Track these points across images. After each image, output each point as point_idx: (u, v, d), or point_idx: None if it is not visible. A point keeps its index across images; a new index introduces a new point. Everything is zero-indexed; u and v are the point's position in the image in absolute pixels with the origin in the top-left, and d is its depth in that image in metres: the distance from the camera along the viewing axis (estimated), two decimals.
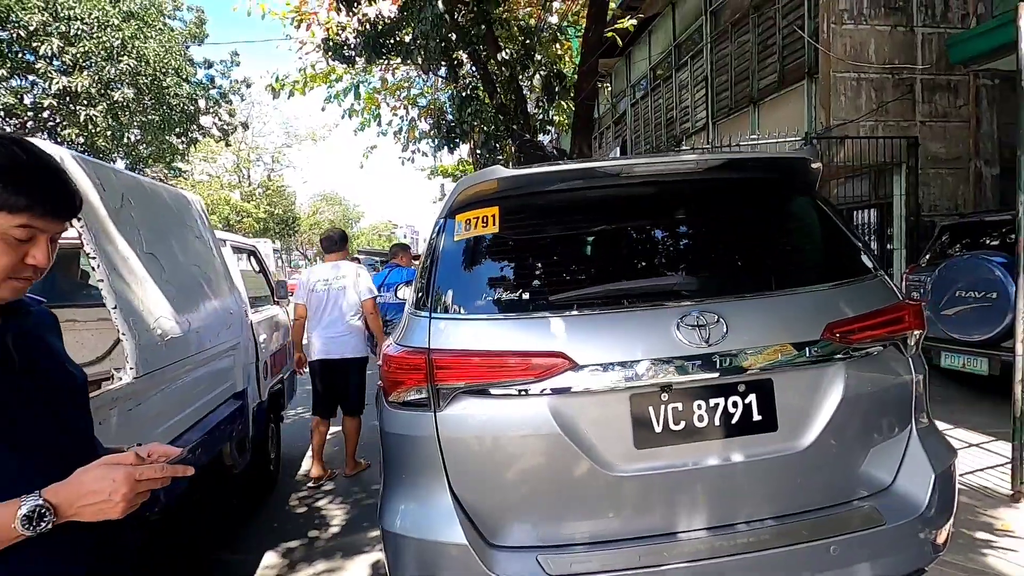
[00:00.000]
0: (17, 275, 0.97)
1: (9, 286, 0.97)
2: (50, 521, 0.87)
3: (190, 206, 3.15)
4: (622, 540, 1.54)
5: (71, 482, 0.92)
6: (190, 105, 17.85)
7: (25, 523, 0.85)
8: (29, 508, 0.86)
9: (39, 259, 0.97)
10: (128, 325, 2.04)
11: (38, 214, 0.94)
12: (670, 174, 1.75)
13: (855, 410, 1.63)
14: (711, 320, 1.54)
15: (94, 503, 0.90)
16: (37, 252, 0.97)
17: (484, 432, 1.56)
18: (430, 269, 1.74)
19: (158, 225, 2.60)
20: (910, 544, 1.62)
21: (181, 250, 2.80)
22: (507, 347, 1.55)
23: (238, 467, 3.31)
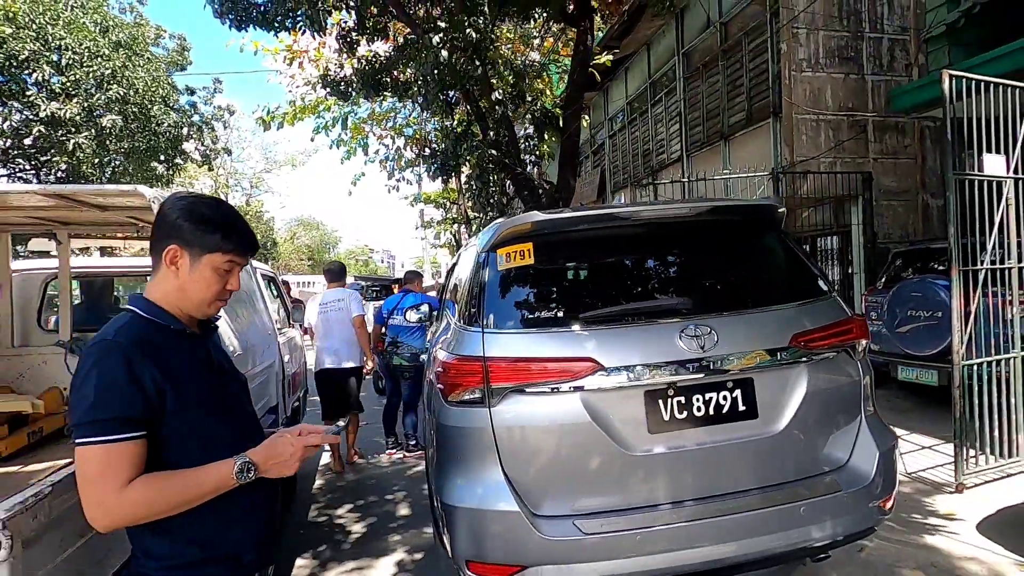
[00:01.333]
0: (220, 298, 1.36)
1: (216, 306, 1.37)
2: (254, 474, 1.25)
3: None
4: (640, 506, 1.95)
5: (266, 447, 1.30)
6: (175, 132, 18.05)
7: (239, 474, 1.22)
8: (241, 464, 1.23)
9: (235, 285, 1.36)
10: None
11: (239, 254, 1.33)
12: (669, 217, 2.22)
13: (817, 402, 2.08)
14: (705, 332, 1.99)
15: (279, 462, 1.27)
16: (234, 280, 1.35)
17: (529, 422, 1.97)
18: (480, 293, 2.15)
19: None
20: (861, 507, 2.06)
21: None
22: (548, 354, 1.96)
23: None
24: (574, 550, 1.88)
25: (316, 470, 5.22)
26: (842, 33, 7.44)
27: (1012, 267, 3.91)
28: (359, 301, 5.16)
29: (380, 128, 16.46)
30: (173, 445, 1.20)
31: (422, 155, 13.17)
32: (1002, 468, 3.87)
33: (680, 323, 2.00)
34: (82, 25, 14.21)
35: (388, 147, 16.44)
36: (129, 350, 1.16)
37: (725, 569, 1.96)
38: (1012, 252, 3.91)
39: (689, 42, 11.00)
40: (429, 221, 26.37)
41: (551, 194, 7.46)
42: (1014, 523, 3.25)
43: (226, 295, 1.35)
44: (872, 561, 2.92)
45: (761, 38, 8.63)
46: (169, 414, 1.19)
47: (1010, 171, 3.89)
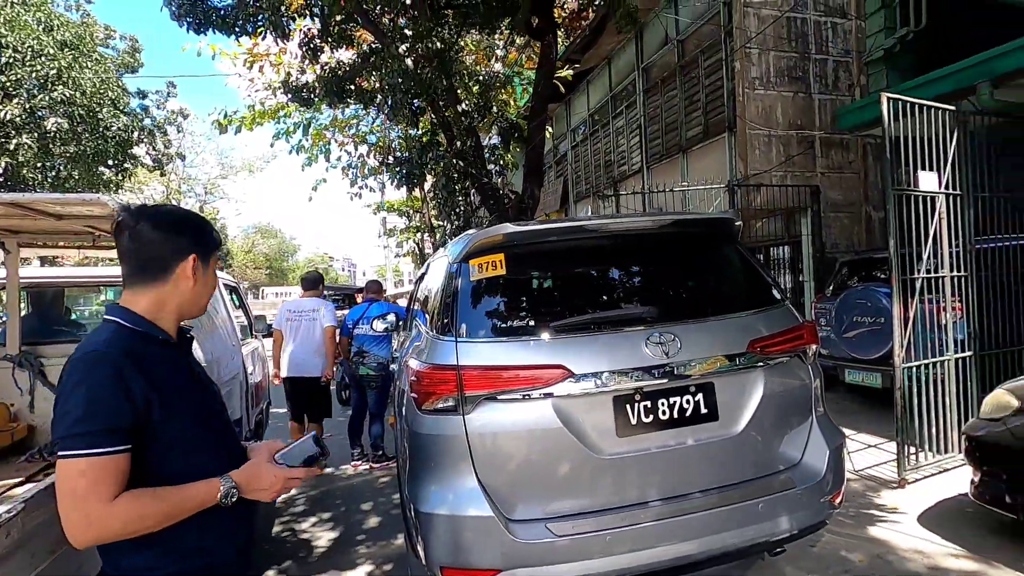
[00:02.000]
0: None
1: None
2: (236, 496, 1.26)
3: None
4: (609, 508, 2.02)
5: (249, 472, 1.30)
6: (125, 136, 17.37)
7: (224, 497, 1.24)
8: (227, 488, 1.24)
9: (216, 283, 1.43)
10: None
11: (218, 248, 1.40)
12: (633, 230, 2.32)
13: (772, 404, 2.21)
14: (669, 339, 2.09)
15: (260, 489, 1.29)
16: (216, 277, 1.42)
17: (502, 429, 2.02)
18: (452, 303, 2.20)
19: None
20: (814, 502, 2.19)
21: None
22: (520, 362, 2.03)
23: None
24: (546, 552, 1.94)
25: None
26: (791, 54, 7.86)
27: (945, 276, 4.21)
28: (333, 312, 5.26)
29: (342, 135, 16.29)
30: (157, 455, 1.20)
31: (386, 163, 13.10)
32: (939, 463, 4.14)
33: (645, 331, 2.10)
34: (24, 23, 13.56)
35: (351, 154, 16.27)
36: (118, 361, 1.16)
37: (690, 566, 2.05)
38: (945, 262, 4.21)
39: (648, 57, 11.36)
40: (392, 229, 26.12)
41: (516, 203, 7.57)
42: (950, 514, 3.49)
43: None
44: (824, 554, 3.09)
45: (716, 56, 9.00)
46: (155, 424, 1.18)
47: (941, 187, 4.20)
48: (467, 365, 2.03)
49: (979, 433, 3.07)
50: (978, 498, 3.07)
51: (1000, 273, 4.47)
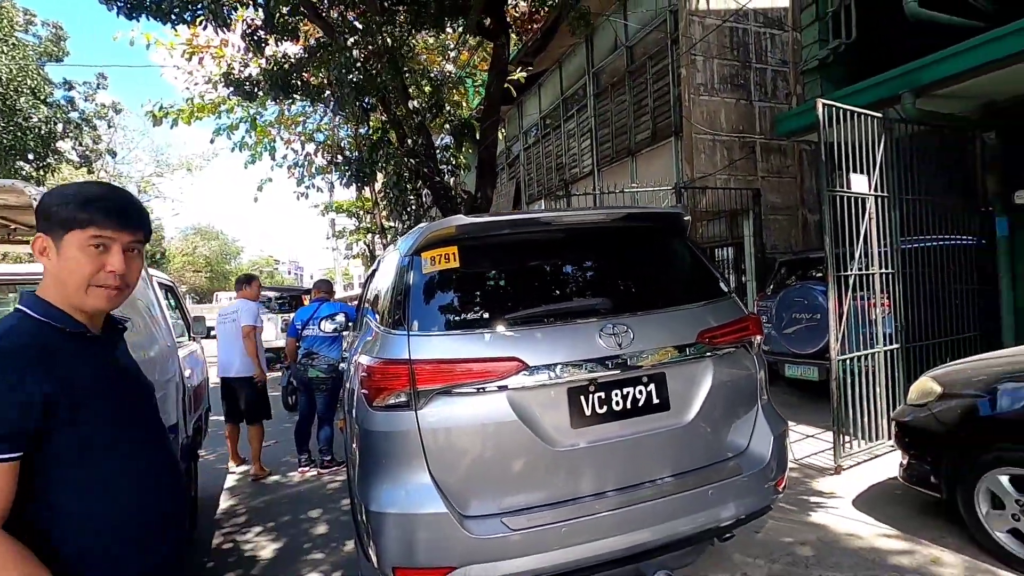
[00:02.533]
0: (102, 283, 1.17)
1: (96, 293, 1.19)
2: None
3: None
4: (564, 500, 2.02)
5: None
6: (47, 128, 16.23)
7: None
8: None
9: (115, 264, 1.18)
10: None
11: (102, 225, 1.16)
12: (586, 223, 2.34)
13: (721, 393, 2.26)
14: (622, 330, 2.11)
15: None
16: (112, 259, 1.17)
17: (456, 424, 1.98)
18: (404, 297, 2.14)
19: None
20: (760, 488, 2.26)
21: None
22: (473, 355, 1.99)
23: None
24: (502, 547, 1.91)
25: (219, 493, 4.86)
26: (733, 62, 8.19)
27: (875, 273, 4.47)
28: (250, 312, 5.20)
29: (289, 132, 15.75)
30: (63, 461, 1.09)
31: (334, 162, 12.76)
32: (871, 450, 4.39)
33: (599, 322, 2.11)
34: None
35: (297, 152, 15.76)
36: (13, 355, 1.05)
37: (644, 554, 2.07)
38: (874, 260, 4.47)
39: (599, 62, 11.58)
40: (341, 231, 25.50)
41: (469, 204, 7.52)
42: (882, 497, 3.70)
43: (107, 279, 1.18)
44: (768, 540, 3.20)
45: (663, 63, 9.27)
46: (59, 427, 1.07)
47: (871, 189, 4.46)
48: (420, 359, 1.98)
49: (906, 419, 3.26)
50: (906, 480, 3.26)
51: (924, 271, 4.78)
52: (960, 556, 2.89)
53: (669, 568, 2.12)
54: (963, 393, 2.98)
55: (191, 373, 3.98)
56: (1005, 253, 5.26)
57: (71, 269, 1.15)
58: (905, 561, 2.88)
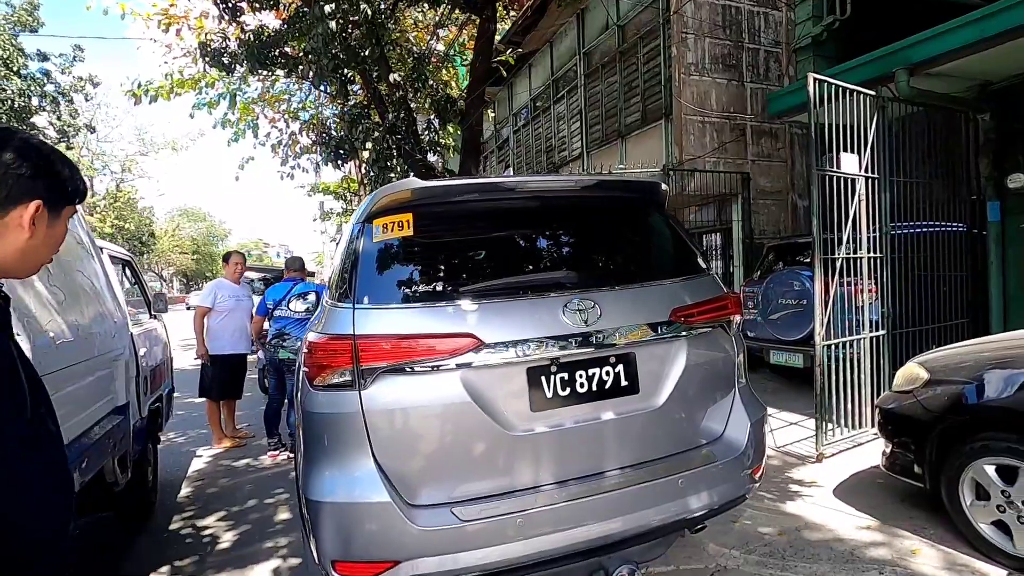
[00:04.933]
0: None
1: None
2: None
3: None
4: (522, 489, 1.86)
5: None
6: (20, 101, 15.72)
7: None
8: None
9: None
10: (22, 325, 1.99)
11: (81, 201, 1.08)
12: (554, 191, 2.15)
13: (695, 376, 2.11)
14: (588, 306, 1.94)
15: None
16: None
17: (404, 405, 1.81)
18: (352, 266, 1.96)
19: None
20: (734, 476, 2.12)
21: (65, 253, 2.68)
22: (424, 330, 1.82)
23: (119, 485, 3.14)
24: (452, 539, 1.76)
25: (183, 477, 4.69)
26: (725, 42, 7.98)
27: (863, 257, 4.33)
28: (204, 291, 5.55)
29: (272, 110, 15.34)
30: None
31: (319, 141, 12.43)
32: (854, 438, 4.28)
33: (564, 297, 1.94)
34: None
35: (281, 131, 15.36)
36: None
37: (610, 546, 1.92)
38: (863, 244, 4.33)
39: (590, 42, 11.30)
40: (328, 213, 25.09)
41: None
42: (863, 486, 3.60)
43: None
44: (745, 529, 3.08)
45: (655, 43, 9.02)
46: None
47: (861, 170, 4.31)
48: (364, 335, 1.80)
49: (890, 406, 3.14)
50: (889, 469, 3.15)
51: (912, 256, 4.65)
52: (941, 548, 2.78)
53: (635, 562, 1.98)
54: (951, 380, 2.85)
55: (146, 352, 3.78)
56: (995, 239, 5.15)
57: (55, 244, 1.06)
58: (885, 552, 2.77)
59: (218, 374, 5.32)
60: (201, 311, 5.31)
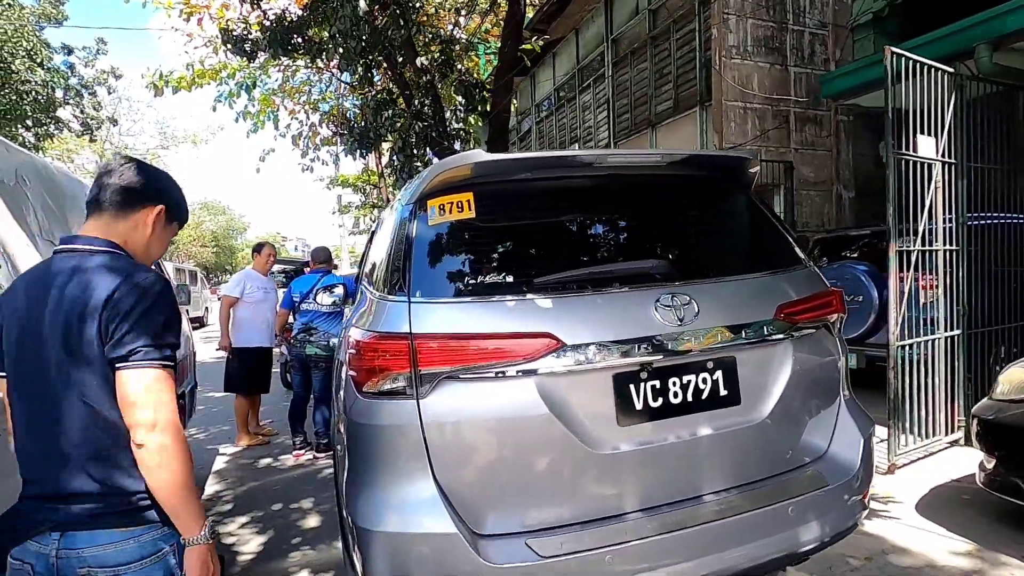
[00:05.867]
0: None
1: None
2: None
3: (86, 191, 2.76)
4: (609, 517, 1.57)
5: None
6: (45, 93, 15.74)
7: None
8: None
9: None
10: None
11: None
12: (638, 166, 1.85)
13: (801, 384, 1.80)
14: (684, 301, 1.64)
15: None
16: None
17: (469, 417, 1.53)
18: (405, 256, 1.68)
19: (57, 209, 2.26)
20: (846, 502, 1.81)
21: None
22: (493, 329, 1.53)
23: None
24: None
25: (206, 476, 4.49)
26: (768, 23, 7.55)
27: (939, 250, 3.96)
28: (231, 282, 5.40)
29: (292, 101, 15.18)
30: None
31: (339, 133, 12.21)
32: (927, 447, 3.93)
33: (655, 291, 1.64)
34: None
35: (302, 122, 15.21)
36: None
37: None
38: (938, 235, 3.95)
39: (618, 28, 10.91)
40: (347, 206, 24.98)
41: None
42: (948, 502, 3.25)
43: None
44: (824, 553, 2.76)
45: (689, 27, 8.62)
46: None
47: (939, 155, 3.93)
48: (423, 333, 1.52)
49: (992, 416, 2.79)
50: (989, 485, 2.80)
51: (990, 250, 4.26)
52: None
53: None
54: None
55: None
56: None
57: (162, 247, 1.41)
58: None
59: (243, 367, 5.11)
60: (228, 301, 5.10)
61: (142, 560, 1.15)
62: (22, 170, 2.09)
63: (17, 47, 13.56)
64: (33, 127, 16.00)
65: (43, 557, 1.13)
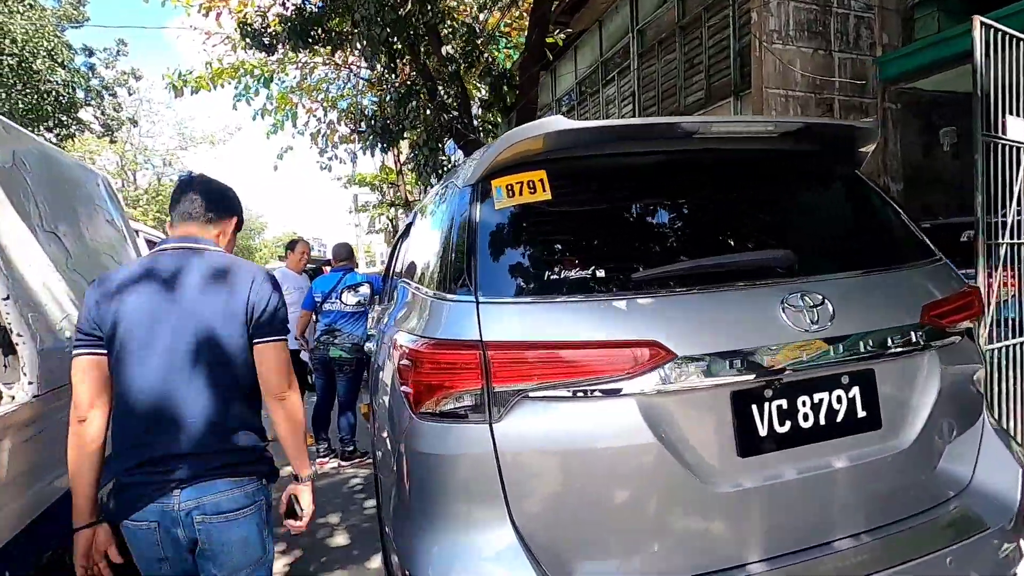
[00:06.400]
0: None
1: None
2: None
3: (98, 182, 2.50)
4: (727, 569, 1.26)
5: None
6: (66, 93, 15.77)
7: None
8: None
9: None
10: (26, 323, 1.48)
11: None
12: (749, 135, 1.52)
13: (948, 402, 1.47)
14: (815, 301, 1.32)
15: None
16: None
17: (557, 446, 1.23)
18: (468, 244, 1.38)
19: (61, 198, 2.00)
20: (1006, 547, 1.48)
21: (91, 233, 2.19)
22: (586, 336, 1.23)
23: None
24: None
25: None
26: (811, 6, 7.14)
27: None
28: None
29: (310, 99, 15.04)
30: None
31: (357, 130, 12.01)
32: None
33: (781, 288, 1.32)
34: None
35: (320, 120, 15.07)
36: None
37: None
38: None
39: (644, 18, 10.54)
40: (364, 205, 24.87)
41: None
42: None
43: None
44: None
45: (722, 12, 8.24)
46: None
47: None
48: (497, 341, 1.23)
49: None
50: None
51: None
52: None
53: None
54: None
55: None
56: None
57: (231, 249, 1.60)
58: None
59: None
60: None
61: (245, 508, 1.39)
62: (22, 154, 1.83)
63: (38, 47, 13.55)
64: (55, 128, 16.04)
65: (167, 513, 1.32)
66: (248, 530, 1.39)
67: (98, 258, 2.23)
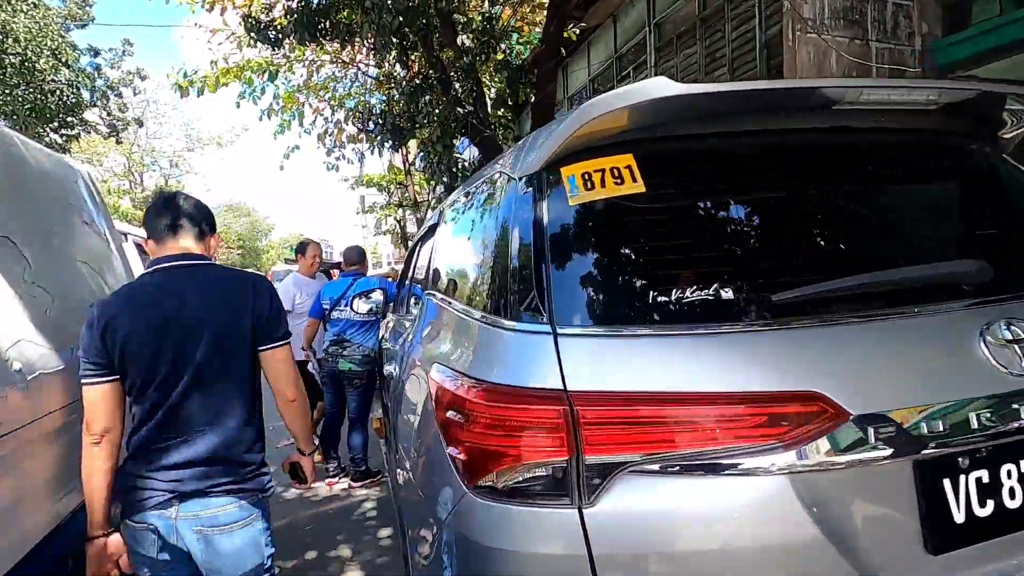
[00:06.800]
0: None
1: None
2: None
3: (76, 178, 2.16)
4: None
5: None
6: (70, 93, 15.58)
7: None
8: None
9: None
10: None
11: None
12: (905, 105, 1.13)
13: None
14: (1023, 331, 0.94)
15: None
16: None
17: (676, 540, 0.86)
18: (535, 254, 1.02)
19: (18, 196, 1.65)
20: None
21: (61, 238, 1.85)
22: (719, 385, 0.86)
23: None
24: None
25: None
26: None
27: None
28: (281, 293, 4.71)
29: (317, 98, 14.78)
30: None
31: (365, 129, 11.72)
32: None
33: (978, 312, 0.95)
34: None
35: (327, 119, 14.81)
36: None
37: None
38: None
39: (662, 12, 10.15)
40: (371, 206, 24.60)
41: None
42: None
43: None
44: None
45: (747, 3, 7.85)
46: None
47: None
48: (589, 392, 0.86)
49: None
50: None
51: None
52: None
53: None
54: None
55: None
56: None
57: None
58: None
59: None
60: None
61: (243, 519, 1.42)
62: None
63: (41, 46, 13.34)
64: (60, 128, 15.84)
65: (165, 520, 1.36)
66: (245, 540, 1.43)
67: (72, 266, 1.89)
